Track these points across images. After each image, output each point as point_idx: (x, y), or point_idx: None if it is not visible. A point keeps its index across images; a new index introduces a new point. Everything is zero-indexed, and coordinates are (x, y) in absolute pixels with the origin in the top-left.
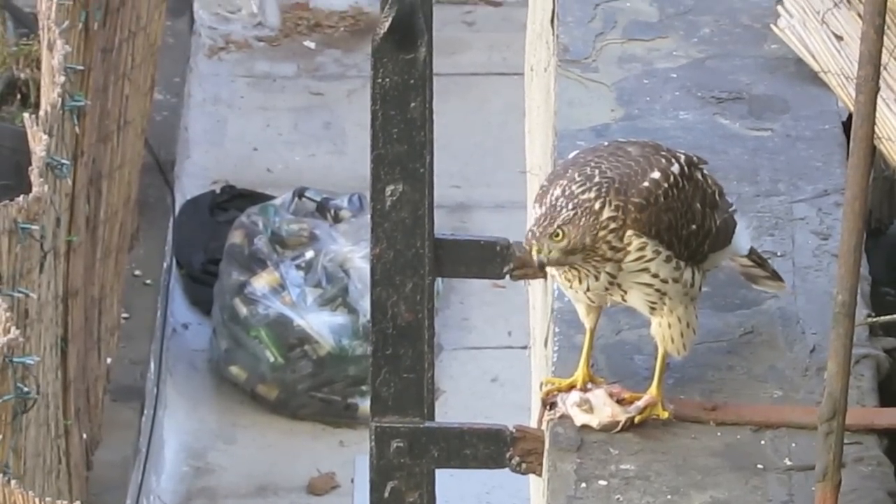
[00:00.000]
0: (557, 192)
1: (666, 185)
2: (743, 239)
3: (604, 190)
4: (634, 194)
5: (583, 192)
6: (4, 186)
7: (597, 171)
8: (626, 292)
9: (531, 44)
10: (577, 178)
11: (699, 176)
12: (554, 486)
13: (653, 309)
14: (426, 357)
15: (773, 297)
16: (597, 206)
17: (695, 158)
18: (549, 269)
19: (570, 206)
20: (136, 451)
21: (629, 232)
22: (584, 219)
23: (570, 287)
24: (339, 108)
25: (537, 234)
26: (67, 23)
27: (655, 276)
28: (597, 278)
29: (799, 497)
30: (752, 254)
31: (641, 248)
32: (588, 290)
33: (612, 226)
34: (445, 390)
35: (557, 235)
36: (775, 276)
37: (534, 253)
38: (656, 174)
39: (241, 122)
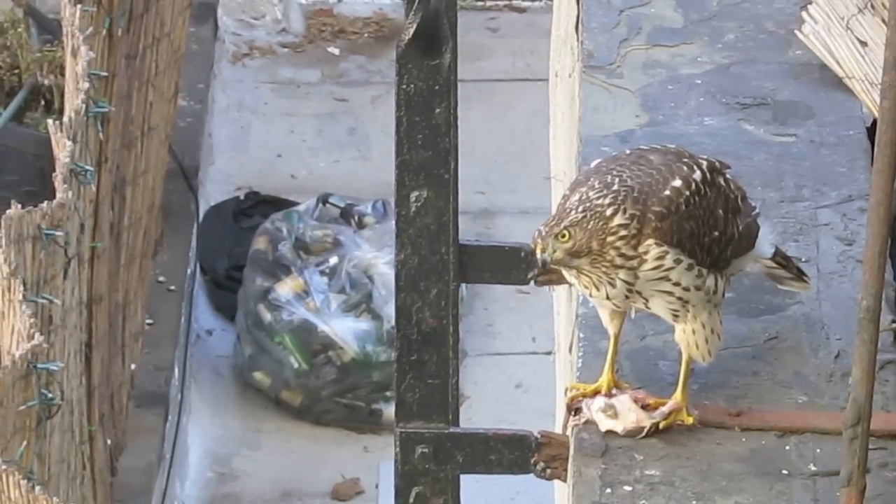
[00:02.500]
0: (575, 197)
1: (687, 192)
2: (766, 242)
3: (620, 198)
4: (655, 203)
5: (598, 198)
6: (29, 192)
7: (617, 180)
8: (647, 301)
9: (556, 50)
10: (597, 186)
11: (722, 181)
12: (579, 491)
13: (676, 316)
14: (451, 363)
15: (798, 302)
16: (608, 212)
17: (717, 164)
18: (569, 277)
19: (581, 210)
20: (161, 458)
21: (649, 241)
22: (592, 223)
23: (590, 295)
24: (363, 114)
25: (543, 234)
26: (91, 29)
27: (677, 284)
28: (612, 285)
29: (824, 502)
30: (777, 255)
31: (660, 257)
32: (608, 297)
33: (623, 233)
34: (470, 396)
35: (564, 236)
36: (799, 277)
37: (538, 251)
38: (678, 182)
39: (264, 129)
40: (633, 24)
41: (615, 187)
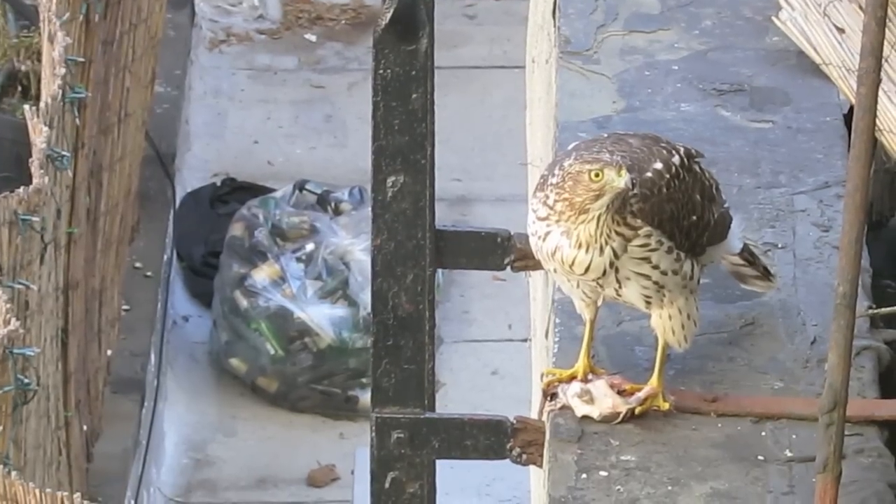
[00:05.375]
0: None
1: (668, 175)
2: (735, 237)
3: (618, 159)
4: (638, 184)
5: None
6: (5, 178)
7: (605, 150)
8: (620, 285)
9: (533, 36)
10: (586, 156)
11: (697, 168)
12: (554, 476)
13: (648, 303)
14: (427, 348)
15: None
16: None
17: (693, 151)
18: (558, 239)
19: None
20: (137, 443)
21: (637, 219)
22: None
23: (573, 264)
24: (339, 100)
25: (621, 163)
26: (68, 15)
27: (656, 267)
28: (601, 252)
29: (799, 488)
30: (744, 251)
31: (648, 235)
32: (587, 270)
33: (635, 190)
34: (446, 383)
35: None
36: (765, 275)
37: (623, 173)
38: (659, 165)
39: (241, 115)
40: (610, 9)
41: (606, 156)
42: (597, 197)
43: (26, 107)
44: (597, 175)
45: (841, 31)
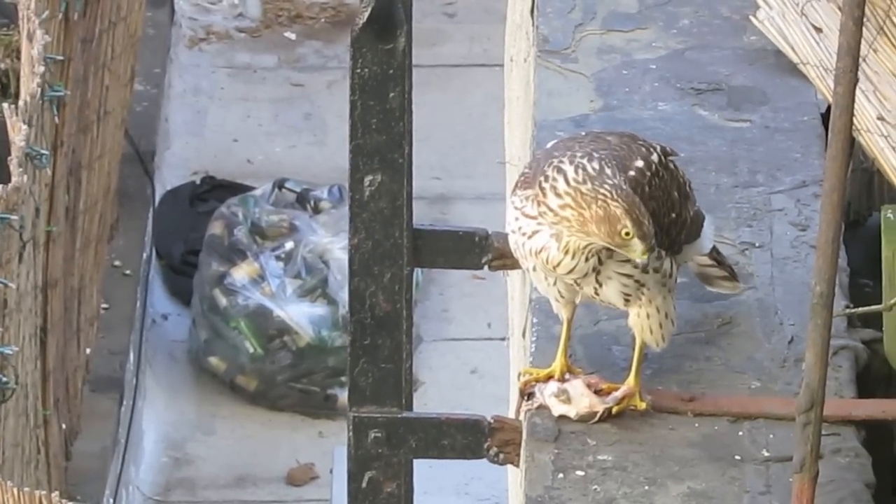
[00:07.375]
0: (571, 171)
1: (649, 173)
2: (707, 236)
3: (653, 235)
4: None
5: (612, 173)
6: None
7: (597, 154)
8: (600, 285)
9: (511, 35)
10: (589, 164)
11: (672, 166)
12: (531, 476)
13: (627, 301)
14: (404, 347)
15: (752, 287)
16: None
17: (668, 149)
18: (545, 240)
19: (624, 188)
20: (115, 442)
21: None
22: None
23: (557, 266)
24: (319, 99)
25: (654, 243)
26: (47, 13)
27: (637, 266)
28: (587, 259)
29: (776, 488)
30: (713, 251)
31: None
32: (571, 271)
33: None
34: (425, 382)
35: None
36: (731, 276)
37: (648, 254)
38: (640, 163)
39: (221, 113)
40: (588, 8)
41: (647, 224)
42: (611, 243)
43: (5, 105)
44: (627, 234)
45: (818, 30)
